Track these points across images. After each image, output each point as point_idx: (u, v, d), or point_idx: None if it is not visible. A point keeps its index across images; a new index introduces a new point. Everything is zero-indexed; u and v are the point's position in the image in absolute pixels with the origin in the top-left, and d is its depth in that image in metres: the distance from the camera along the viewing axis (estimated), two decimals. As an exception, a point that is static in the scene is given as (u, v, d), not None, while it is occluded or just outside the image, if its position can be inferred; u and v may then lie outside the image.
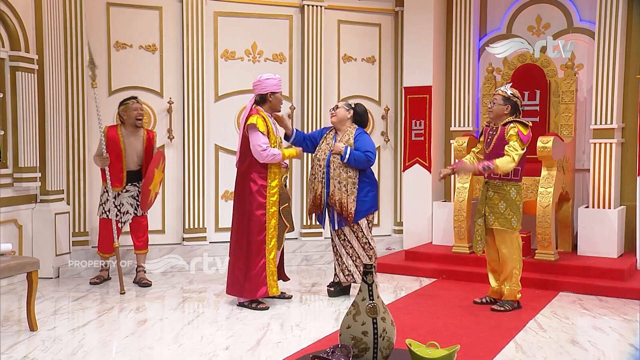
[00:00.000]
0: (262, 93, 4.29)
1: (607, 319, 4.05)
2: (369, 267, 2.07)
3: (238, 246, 4.28)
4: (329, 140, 4.57)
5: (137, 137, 5.01)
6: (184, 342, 3.53)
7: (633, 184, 5.36)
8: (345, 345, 1.95)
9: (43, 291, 4.72)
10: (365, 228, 4.48)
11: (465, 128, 6.12)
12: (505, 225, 4.15)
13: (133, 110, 4.94)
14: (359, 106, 4.65)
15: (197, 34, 5.82)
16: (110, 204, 4.85)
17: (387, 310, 2.11)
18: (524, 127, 4.13)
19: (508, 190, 4.17)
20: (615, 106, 5.38)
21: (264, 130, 4.16)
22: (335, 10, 6.34)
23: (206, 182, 5.92)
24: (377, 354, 1.97)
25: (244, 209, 4.25)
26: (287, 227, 4.44)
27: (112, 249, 4.94)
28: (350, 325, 2.02)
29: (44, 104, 5.23)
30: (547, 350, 3.42)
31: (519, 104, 4.24)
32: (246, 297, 4.26)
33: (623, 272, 4.80)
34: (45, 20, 5.19)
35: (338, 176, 4.41)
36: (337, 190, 4.40)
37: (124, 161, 4.92)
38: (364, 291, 2.05)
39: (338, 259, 4.56)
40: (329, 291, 4.65)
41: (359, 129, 4.55)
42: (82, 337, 3.58)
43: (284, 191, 4.42)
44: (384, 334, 1.99)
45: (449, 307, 4.34)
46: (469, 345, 3.51)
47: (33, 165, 5.12)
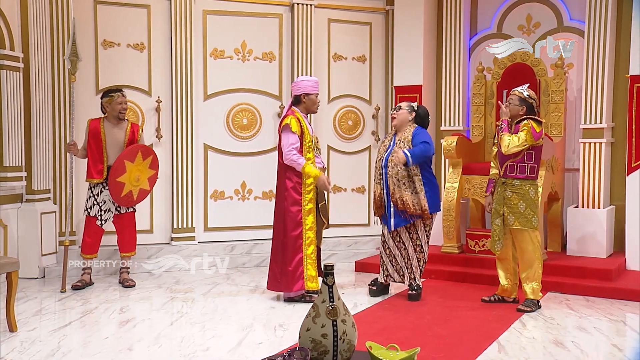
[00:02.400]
0: (297, 94, 4.49)
1: (593, 319, 4.02)
2: (330, 267, 2.04)
3: (276, 241, 4.48)
4: (386, 142, 4.58)
5: (119, 129, 4.93)
6: (164, 343, 3.50)
7: (622, 183, 5.34)
8: (303, 348, 1.92)
9: (27, 291, 4.70)
10: (420, 230, 4.46)
11: (455, 127, 6.09)
12: (526, 225, 4.14)
13: (117, 104, 4.89)
14: (422, 108, 4.59)
15: (186, 32, 5.79)
16: (92, 201, 4.80)
17: (348, 312, 2.08)
18: (538, 124, 4.13)
19: (527, 190, 4.16)
20: (604, 106, 5.36)
21: (297, 130, 4.33)
22: (326, 8, 6.31)
23: (195, 182, 5.89)
24: (336, 356, 1.94)
25: (281, 205, 4.44)
26: (324, 224, 4.58)
27: (92, 250, 4.87)
28: (310, 328, 1.99)
29: (30, 103, 5.20)
30: (529, 350, 3.40)
31: (534, 105, 4.25)
32: (284, 291, 4.43)
33: (611, 272, 4.78)
34: (30, 19, 5.16)
35: (397, 174, 4.40)
36: (397, 189, 4.39)
37: (104, 153, 4.84)
38: (324, 293, 2.01)
39: (392, 260, 4.54)
40: (371, 290, 4.65)
41: (418, 127, 4.50)
42: (62, 338, 3.55)
43: (320, 189, 4.52)
44: (344, 337, 1.97)
45: (436, 308, 4.32)
46: (451, 345, 3.49)
47: (18, 165, 5.09)
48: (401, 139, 4.46)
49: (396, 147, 4.42)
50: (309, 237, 4.39)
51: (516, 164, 4.19)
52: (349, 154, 6.47)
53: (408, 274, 4.52)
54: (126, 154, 4.84)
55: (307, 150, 4.42)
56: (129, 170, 4.86)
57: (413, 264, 4.50)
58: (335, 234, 6.34)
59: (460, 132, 5.89)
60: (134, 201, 4.97)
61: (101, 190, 4.88)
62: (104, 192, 4.88)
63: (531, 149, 4.16)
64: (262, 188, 6.10)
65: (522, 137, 4.09)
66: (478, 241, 5.38)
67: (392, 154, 4.42)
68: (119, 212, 4.96)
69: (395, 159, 4.36)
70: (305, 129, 4.41)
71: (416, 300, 4.49)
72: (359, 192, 6.49)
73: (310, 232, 4.39)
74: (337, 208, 6.37)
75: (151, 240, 5.80)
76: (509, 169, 4.22)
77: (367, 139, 6.51)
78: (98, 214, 4.87)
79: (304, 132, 4.39)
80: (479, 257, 5.29)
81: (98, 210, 4.87)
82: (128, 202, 4.93)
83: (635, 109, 5.19)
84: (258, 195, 6.12)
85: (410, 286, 4.53)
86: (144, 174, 4.99)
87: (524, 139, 4.09)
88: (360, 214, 6.46)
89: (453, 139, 5.46)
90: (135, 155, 4.90)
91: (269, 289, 4.53)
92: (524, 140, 4.09)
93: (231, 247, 5.91)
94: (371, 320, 3.99)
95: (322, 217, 4.56)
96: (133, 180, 4.91)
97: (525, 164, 4.18)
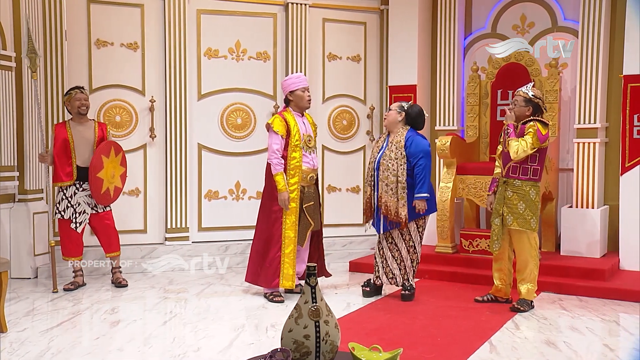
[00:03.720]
0: (285, 95, 4.56)
1: (585, 319, 4.02)
2: (312, 268, 2.02)
3: (257, 236, 4.56)
4: (380, 144, 4.56)
5: (86, 128, 4.87)
6: (154, 344, 3.49)
7: (616, 183, 5.33)
8: (284, 349, 1.91)
9: (19, 292, 4.68)
10: (413, 232, 4.45)
11: (449, 127, 6.08)
12: (524, 225, 4.12)
13: (76, 101, 4.83)
14: (414, 108, 4.51)
15: (180, 31, 5.77)
16: (65, 204, 4.75)
17: (331, 313, 2.06)
18: (544, 126, 4.09)
19: (527, 191, 4.14)
20: (598, 105, 5.35)
21: (280, 129, 4.36)
22: (320, 8, 6.30)
23: (189, 182, 5.87)
24: (319, 357, 1.92)
25: (265, 202, 4.51)
26: (311, 225, 4.52)
27: (76, 252, 4.82)
28: (292, 329, 1.97)
29: (22, 102, 5.17)
30: (521, 351, 3.39)
31: (540, 104, 4.19)
32: (261, 286, 4.50)
33: (604, 272, 4.77)
34: (23, 18, 5.12)
35: (386, 179, 4.38)
36: (384, 193, 4.38)
37: (73, 153, 4.76)
38: (307, 293, 2.00)
39: (383, 262, 4.53)
40: (364, 291, 4.63)
41: (410, 131, 4.45)
42: (52, 339, 3.53)
43: (310, 190, 4.52)
44: (326, 338, 1.95)
45: (429, 308, 4.31)
46: (443, 345, 3.48)
47: (11, 165, 5.07)
48: (393, 142, 4.43)
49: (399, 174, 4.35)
50: (289, 236, 4.40)
51: (519, 165, 4.16)
52: (343, 153, 6.45)
53: (401, 275, 4.51)
54: (102, 149, 4.81)
55: (293, 149, 4.41)
56: (106, 166, 4.82)
57: (407, 265, 4.49)
58: (329, 234, 6.32)
59: (454, 132, 5.88)
60: (111, 199, 4.91)
61: (75, 191, 4.78)
62: (78, 193, 4.78)
63: (536, 151, 4.12)
64: (256, 188, 6.07)
65: (530, 142, 4.04)
66: (472, 241, 5.37)
67: (416, 205, 4.34)
68: (96, 211, 4.86)
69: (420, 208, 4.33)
70: (294, 127, 4.41)
71: (409, 300, 4.48)
72: (353, 192, 6.48)
73: (290, 232, 4.40)
74: (331, 208, 6.36)
75: (145, 240, 5.78)
76: (511, 170, 4.20)
77: (361, 139, 6.50)
78: (72, 217, 4.77)
79: (291, 130, 4.39)
80: (473, 257, 5.29)
81: (72, 213, 4.77)
82: (106, 200, 4.86)
83: (629, 109, 5.18)
84: (252, 195, 6.10)
85: (404, 286, 4.52)
86: (117, 170, 4.94)
87: (531, 143, 4.04)
88: (355, 214, 6.43)
89: (447, 139, 5.45)
90: (109, 150, 4.87)
91: (246, 281, 4.60)
92: (532, 144, 4.04)
93: (225, 247, 5.90)
94: (363, 321, 3.98)
95: (308, 218, 4.51)
96: (109, 177, 4.86)
97: (529, 166, 4.15)
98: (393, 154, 4.39)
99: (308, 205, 4.52)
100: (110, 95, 5.64)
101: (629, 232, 5.14)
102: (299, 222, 4.46)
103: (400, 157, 4.37)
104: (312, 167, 4.54)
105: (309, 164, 4.51)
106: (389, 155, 4.41)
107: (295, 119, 4.47)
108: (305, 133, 4.49)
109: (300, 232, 4.48)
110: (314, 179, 4.59)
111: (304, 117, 4.58)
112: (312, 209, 4.56)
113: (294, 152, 4.41)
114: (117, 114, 5.68)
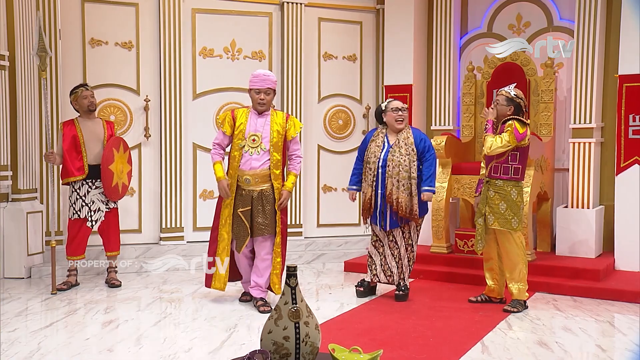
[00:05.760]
0: None
1: (579, 319, 4.00)
2: (293, 269, 2.01)
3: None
4: (378, 142, 4.52)
5: (95, 124, 4.90)
6: (145, 344, 3.48)
7: (612, 183, 5.32)
8: (263, 351, 1.89)
9: (12, 292, 4.66)
10: (412, 230, 4.46)
11: (445, 127, 6.07)
12: (505, 225, 4.12)
13: (83, 99, 4.84)
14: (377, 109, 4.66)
15: (175, 31, 5.76)
16: (80, 203, 4.77)
17: (312, 314, 2.05)
18: (521, 125, 4.10)
19: (509, 191, 4.14)
20: (594, 105, 5.34)
21: (224, 126, 4.27)
22: (316, 7, 6.28)
23: (184, 181, 5.86)
24: (299, 359, 1.91)
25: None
26: (248, 234, 4.22)
27: (80, 252, 4.81)
28: (272, 330, 1.95)
29: (16, 101, 5.16)
30: (512, 351, 3.38)
31: (522, 105, 4.23)
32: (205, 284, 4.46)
33: (599, 273, 4.76)
34: (17, 17, 5.12)
35: (397, 175, 4.37)
36: (395, 189, 4.36)
37: (83, 148, 4.76)
38: (287, 294, 1.98)
39: (381, 260, 4.52)
40: (358, 291, 4.61)
41: (414, 129, 4.55)
42: (42, 340, 3.51)
43: (247, 194, 4.22)
44: (306, 339, 1.93)
45: (422, 308, 4.30)
46: (435, 346, 3.47)
47: (4, 164, 5.05)
48: (401, 139, 4.43)
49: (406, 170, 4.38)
50: (222, 234, 4.28)
51: (500, 164, 4.18)
52: (339, 153, 6.44)
53: (398, 273, 4.50)
54: (113, 142, 4.83)
55: (235, 147, 4.22)
56: (116, 161, 4.83)
57: (404, 264, 4.48)
58: (325, 234, 6.32)
59: (450, 132, 5.87)
60: (119, 195, 4.92)
61: (88, 190, 4.81)
62: (91, 191, 4.81)
63: (516, 150, 4.14)
64: (251, 188, 6.06)
65: (505, 139, 4.08)
66: (467, 241, 5.36)
67: (423, 196, 4.37)
68: (109, 208, 4.88)
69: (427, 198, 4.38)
70: (240, 122, 4.21)
71: (403, 300, 4.47)
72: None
73: (223, 230, 4.27)
74: (327, 208, 6.35)
75: (139, 240, 5.77)
76: (493, 170, 4.21)
77: (357, 139, 6.46)
78: (88, 215, 4.79)
79: (236, 125, 4.21)
80: (467, 257, 5.27)
81: (88, 211, 4.79)
82: (115, 195, 4.86)
83: (625, 109, 5.17)
84: (247, 195, 6.08)
85: (398, 286, 4.51)
86: (125, 167, 4.96)
87: (507, 140, 4.08)
88: (351, 214, 6.43)
89: (442, 139, 5.44)
90: (119, 145, 4.89)
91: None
92: (507, 141, 4.07)
93: (220, 247, 5.87)
94: (357, 321, 3.97)
95: (245, 223, 4.19)
96: (119, 172, 4.87)
97: (509, 165, 4.16)
98: (403, 150, 4.39)
99: (244, 210, 4.20)
100: (105, 95, 5.62)
101: (624, 232, 5.13)
102: (233, 225, 4.24)
103: (412, 153, 4.40)
104: (249, 168, 4.18)
105: (246, 165, 4.18)
106: (398, 151, 4.40)
107: (248, 117, 4.25)
108: (252, 132, 4.20)
109: (237, 237, 4.24)
110: (250, 182, 4.17)
111: (265, 117, 4.24)
112: (248, 214, 4.20)
113: (235, 150, 4.22)
114: (111, 113, 5.66)
